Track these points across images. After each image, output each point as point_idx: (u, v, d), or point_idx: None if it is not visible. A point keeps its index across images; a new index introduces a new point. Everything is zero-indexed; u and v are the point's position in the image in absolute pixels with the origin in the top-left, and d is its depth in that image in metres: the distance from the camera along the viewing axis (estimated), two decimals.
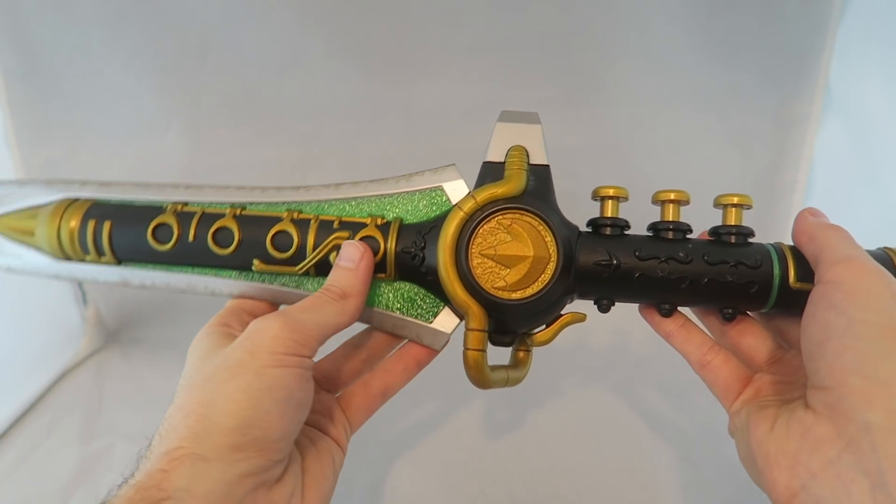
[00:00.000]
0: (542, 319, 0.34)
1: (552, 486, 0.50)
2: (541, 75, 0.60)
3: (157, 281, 0.37)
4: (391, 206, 0.35)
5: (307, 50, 0.58)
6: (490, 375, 0.33)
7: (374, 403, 0.36)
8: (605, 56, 0.59)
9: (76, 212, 0.38)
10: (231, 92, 0.60)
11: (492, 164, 0.34)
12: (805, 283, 0.31)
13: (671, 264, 0.32)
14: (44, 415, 0.58)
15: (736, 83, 0.61)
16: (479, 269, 0.32)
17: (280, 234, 0.35)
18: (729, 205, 0.34)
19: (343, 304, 0.31)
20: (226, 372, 0.28)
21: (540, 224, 0.32)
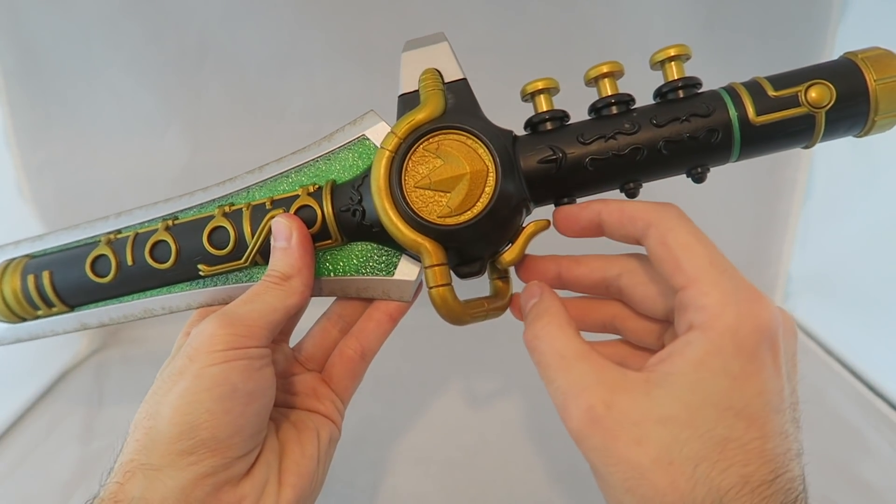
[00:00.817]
0: (502, 236, 0.32)
1: (552, 486, 0.50)
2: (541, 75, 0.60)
3: (114, 315, 0.37)
4: (322, 171, 0.34)
5: (307, 49, 0.58)
6: (462, 308, 0.31)
7: (356, 369, 0.35)
8: (605, 56, 0.59)
9: (14, 271, 0.37)
10: (231, 92, 0.60)
11: (407, 94, 0.32)
12: (768, 115, 0.30)
13: (620, 139, 0.30)
14: (44, 415, 0.58)
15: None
16: (418, 203, 0.30)
17: (215, 231, 0.34)
18: (667, 59, 0.31)
19: (286, 285, 0.31)
20: (168, 381, 0.28)
21: (468, 138, 0.30)
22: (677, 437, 0.23)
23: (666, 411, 0.23)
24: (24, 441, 0.55)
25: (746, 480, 0.22)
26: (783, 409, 0.24)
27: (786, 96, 0.30)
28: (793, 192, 0.66)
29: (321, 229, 0.33)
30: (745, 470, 0.22)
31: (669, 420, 0.23)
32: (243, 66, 0.59)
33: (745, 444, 0.23)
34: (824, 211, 0.65)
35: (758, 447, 0.23)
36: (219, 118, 0.61)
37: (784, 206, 0.66)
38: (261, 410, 0.29)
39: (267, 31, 0.57)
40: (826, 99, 0.30)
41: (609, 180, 0.31)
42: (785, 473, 0.23)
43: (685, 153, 0.30)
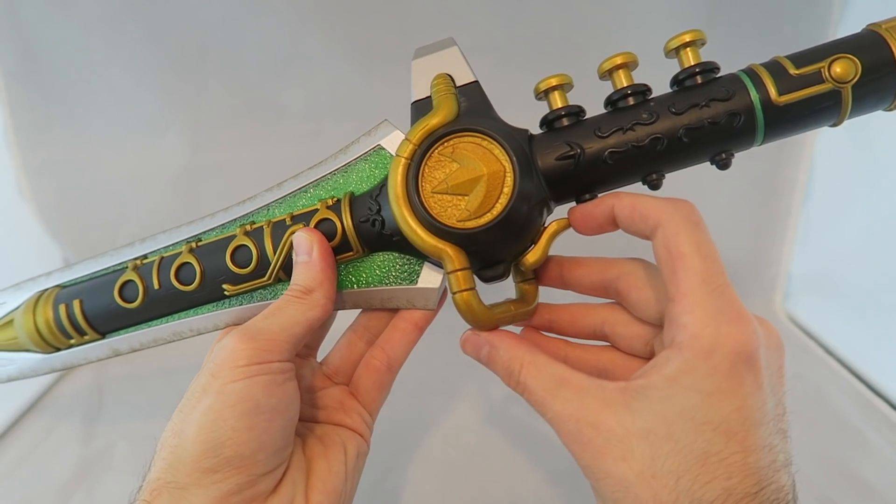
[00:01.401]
0: (523, 237, 0.31)
1: (552, 486, 0.49)
2: (541, 75, 0.60)
3: (144, 339, 0.37)
4: (341, 184, 0.34)
5: (307, 49, 0.58)
6: (487, 312, 0.31)
7: (383, 380, 0.35)
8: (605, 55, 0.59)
9: (46, 302, 0.38)
10: (231, 92, 0.60)
11: (420, 101, 0.32)
12: (791, 94, 0.29)
13: (638, 129, 0.29)
14: (44, 415, 0.58)
15: None
16: (437, 208, 0.30)
17: (237, 250, 0.34)
18: (682, 45, 0.30)
19: (308, 299, 0.31)
20: (192, 398, 0.28)
21: (483, 140, 0.30)
22: (659, 451, 0.23)
23: (646, 425, 0.24)
24: (24, 441, 0.55)
25: (729, 493, 0.23)
26: (765, 422, 0.24)
27: (808, 73, 0.29)
28: (793, 192, 0.66)
29: (342, 242, 0.32)
30: (727, 483, 0.23)
31: (650, 434, 0.24)
32: (243, 66, 0.59)
33: (726, 458, 0.23)
34: (824, 211, 0.65)
35: (739, 461, 0.23)
36: (219, 118, 0.61)
37: (784, 206, 0.66)
38: (285, 426, 0.29)
39: (267, 31, 0.57)
40: (851, 73, 0.28)
41: (630, 173, 0.31)
42: (770, 485, 0.23)
43: (707, 140, 0.29)
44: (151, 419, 0.57)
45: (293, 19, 0.56)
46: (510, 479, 0.50)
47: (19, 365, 0.40)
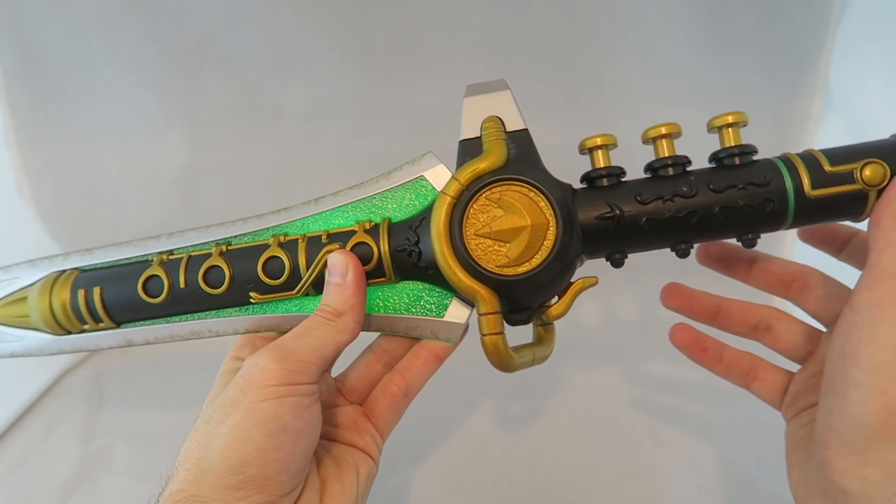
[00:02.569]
0: (554, 289, 0.32)
1: (552, 486, 0.50)
2: (540, 75, 0.60)
3: (160, 334, 0.37)
4: (377, 208, 0.34)
5: (307, 50, 0.58)
6: (514, 357, 0.32)
7: (398, 405, 0.35)
8: (605, 55, 0.59)
9: (64, 284, 0.37)
10: (231, 92, 0.60)
11: (468, 140, 0.33)
12: (823, 189, 0.30)
13: (677, 201, 0.30)
14: (44, 415, 0.58)
15: (736, 82, 0.61)
16: (478, 251, 0.30)
17: (270, 260, 0.34)
18: (724, 126, 0.32)
19: (338, 322, 0.31)
20: (220, 412, 0.28)
21: (530, 190, 0.31)
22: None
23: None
24: (24, 441, 0.55)
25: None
26: None
27: (841, 172, 0.30)
28: None
29: (376, 267, 0.33)
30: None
31: None
32: (243, 66, 0.59)
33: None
34: None
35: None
36: (219, 118, 0.61)
37: None
38: (307, 448, 0.29)
39: (267, 31, 0.57)
40: (879, 178, 0.30)
41: (662, 240, 0.32)
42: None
43: (739, 219, 0.31)
44: (151, 419, 0.57)
45: (293, 19, 0.56)
46: (510, 479, 0.50)
47: (26, 343, 0.39)
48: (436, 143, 0.63)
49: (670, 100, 0.62)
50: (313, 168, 0.64)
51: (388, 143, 0.63)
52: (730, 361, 0.36)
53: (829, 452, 0.26)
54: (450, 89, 0.61)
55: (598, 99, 0.61)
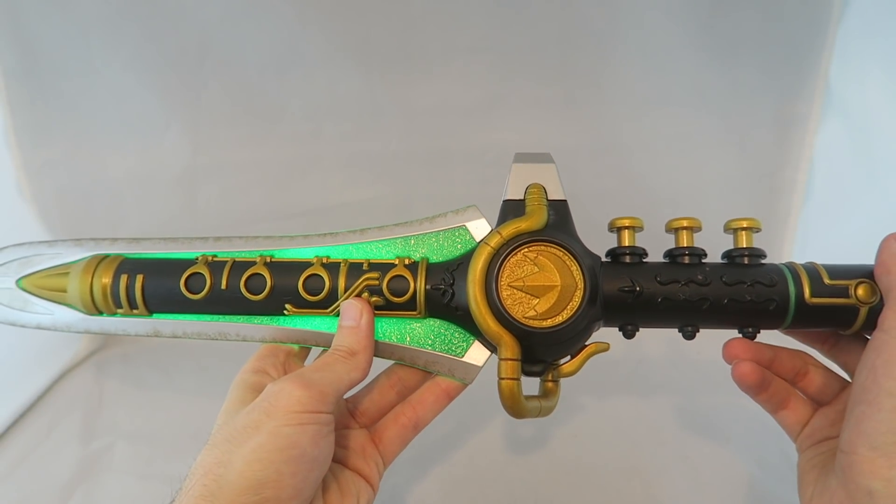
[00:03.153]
0: (570, 347, 0.35)
1: (552, 486, 0.50)
2: (540, 75, 0.60)
3: (189, 329, 0.38)
4: (416, 247, 0.37)
5: (307, 50, 0.58)
6: (525, 404, 0.34)
7: (406, 436, 0.37)
8: (605, 55, 0.59)
9: (108, 268, 0.39)
10: (231, 92, 0.60)
11: (512, 201, 0.36)
12: (821, 298, 0.34)
13: (692, 287, 0.34)
14: (44, 415, 0.58)
15: (736, 82, 0.61)
16: (509, 301, 0.33)
17: (312, 277, 0.36)
18: (739, 228, 0.35)
19: (353, 360, 0.33)
20: (243, 433, 0.29)
21: (565, 255, 0.34)
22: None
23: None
24: (24, 441, 0.55)
25: None
26: None
27: (838, 286, 0.34)
28: (793, 192, 0.66)
29: (409, 300, 0.35)
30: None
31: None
32: (243, 66, 0.59)
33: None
34: (824, 211, 0.65)
35: None
36: (219, 118, 0.61)
37: (784, 206, 0.66)
38: (319, 476, 0.31)
39: (267, 31, 0.57)
40: (870, 297, 0.33)
41: (673, 319, 0.35)
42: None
43: (743, 313, 0.34)
44: (151, 419, 0.57)
45: (293, 20, 0.56)
46: (510, 479, 0.50)
47: (56, 318, 0.40)
48: (435, 142, 0.64)
49: (670, 100, 0.62)
50: (313, 168, 0.64)
51: (388, 143, 0.63)
52: (773, 392, 0.38)
53: (857, 457, 0.28)
54: (450, 89, 0.61)
55: (597, 99, 0.61)
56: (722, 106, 0.62)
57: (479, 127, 0.62)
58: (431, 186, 0.65)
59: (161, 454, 0.53)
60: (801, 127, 0.63)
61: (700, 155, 0.65)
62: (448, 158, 0.64)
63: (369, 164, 0.64)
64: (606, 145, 0.63)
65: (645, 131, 0.63)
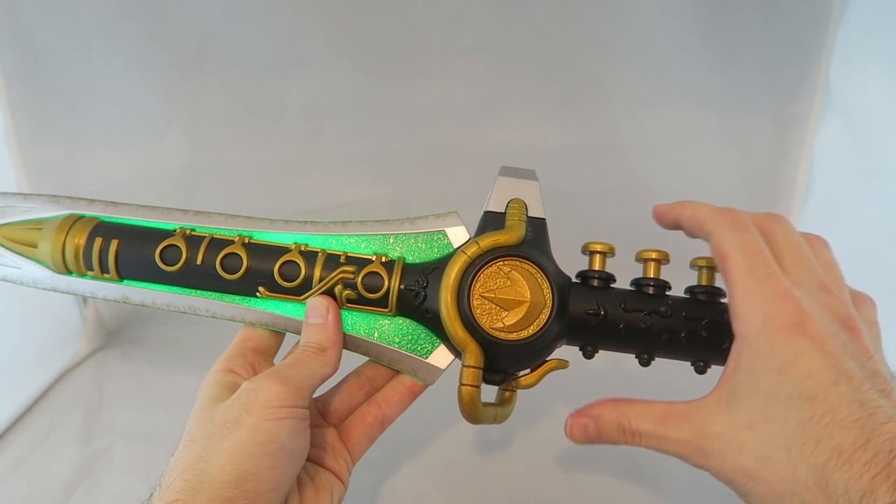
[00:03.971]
0: (532, 361, 0.36)
1: (552, 486, 0.50)
2: (540, 75, 0.60)
3: (158, 300, 0.38)
4: (395, 246, 0.38)
5: (307, 50, 0.58)
6: (482, 411, 0.35)
7: (373, 433, 0.38)
8: (605, 55, 0.59)
9: (82, 229, 0.38)
10: (231, 92, 0.60)
11: (492, 213, 0.37)
12: None
13: (653, 317, 0.34)
14: (44, 415, 0.58)
15: (736, 82, 0.61)
16: (479, 310, 0.34)
17: (288, 263, 0.36)
18: (703, 266, 0.36)
19: (324, 356, 0.34)
20: (223, 428, 0.29)
21: (538, 272, 0.35)
22: (765, 435, 0.26)
23: (746, 417, 0.27)
24: (24, 441, 0.55)
25: (840, 451, 0.25)
26: (843, 381, 0.26)
27: None
28: (793, 192, 0.66)
29: (381, 297, 0.36)
30: (833, 442, 0.25)
31: (753, 423, 0.27)
32: (243, 66, 0.59)
33: (820, 420, 0.25)
34: (824, 211, 0.65)
35: (831, 419, 0.25)
36: (219, 118, 0.61)
37: (784, 206, 0.66)
38: (296, 470, 0.31)
39: (267, 31, 0.57)
40: None
41: (631, 346, 0.36)
42: (879, 435, 0.25)
43: (698, 347, 0.35)
44: (151, 419, 0.57)
45: (293, 19, 0.56)
46: (510, 479, 0.50)
47: (24, 272, 0.40)
48: (435, 142, 0.64)
49: (670, 100, 0.62)
50: (313, 168, 0.64)
51: (388, 143, 0.63)
52: None
53: None
54: (450, 89, 0.61)
55: (597, 99, 0.61)
56: (722, 106, 0.62)
57: (479, 127, 0.62)
58: (431, 186, 0.65)
59: (161, 454, 0.52)
60: (801, 127, 0.63)
61: (700, 155, 0.65)
62: (448, 158, 0.64)
63: (369, 164, 0.64)
64: (606, 145, 0.63)
65: (645, 131, 0.63)
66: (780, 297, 0.28)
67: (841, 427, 0.25)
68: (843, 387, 0.26)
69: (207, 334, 0.66)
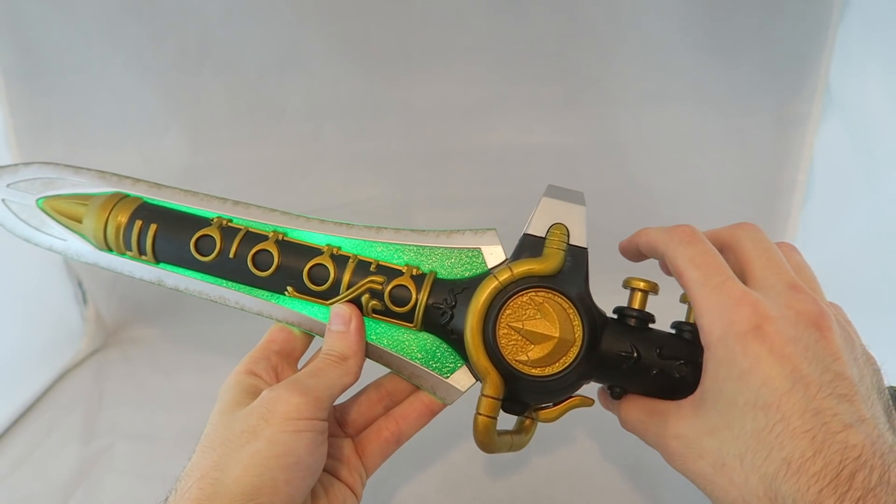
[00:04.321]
0: (555, 397, 0.35)
1: (552, 487, 0.50)
2: (540, 74, 0.60)
3: (191, 286, 0.38)
4: (428, 258, 0.37)
5: (307, 50, 0.58)
6: (496, 442, 0.34)
7: (389, 449, 0.37)
8: (605, 55, 0.59)
9: (125, 208, 0.39)
10: (231, 92, 0.60)
11: (532, 237, 0.35)
12: None
13: (690, 368, 0.32)
14: (44, 415, 0.58)
15: (736, 82, 0.61)
16: (504, 340, 0.33)
17: (318, 266, 0.36)
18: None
19: (345, 365, 0.33)
20: (241, 437, 0.29)
21: (570, 308, 0.33)
22: (723, 442, 0.27)
23: (709, 423, 0.28)
24: (24, 441, 0.55)
25: (789, 462, 0.25)
26: (798, 389, 0.26)
27: None
28: (793, 192, 0.66)
29: (408, 312, 0.35)
30: (783, 453, 0.25)
31: (714, 429, 0.28)
32: (243, 66, 0.59)
33: (773, 430, 0.26)
34: (824, 211, 0.65)
35: (783, 429, 0.25)
36: (219, 118, 0.61)
37: (784, 206, 0.66)
38: (311, 485, 0.31)
39: (267, 31, 0.57)
40: None
41: (662, 393, 0.33)
42: (830, 446, 0.24)
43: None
44: (151, 419, 0.57)
45: (293, 19, 0.56)
46: (510, 479, 0.50)
47: (69, 244, 0.40)
48: (435, 142, 0.64)
49: (670, 100, 0.62)
50: (313, 168, 0.64)
51: (388, 143, 0.63)
52: None
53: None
54: (450, 89, 0.61)
55: (597, 99, 0.61)
56: (722, 106, 0.62)
57: (479, 127, 0.62)
58: (431, 186, 0.65)
59: (161, 454, 0.53)
60: (801, 127, 0.63)
61: (700, 155, 0.65)
62: (448, 158, 0.64)
63: (369, 164, 0.64)
64: (606, 145, 0.63)
65: (645, 131, 0.63)
66: (737, 302, 0.27)
67: (792, 437, 0.25)
68: (799, 395, 0.26)
69: (208, 335, 0.66)
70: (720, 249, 0.32)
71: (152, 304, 0.68)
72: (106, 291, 0.67)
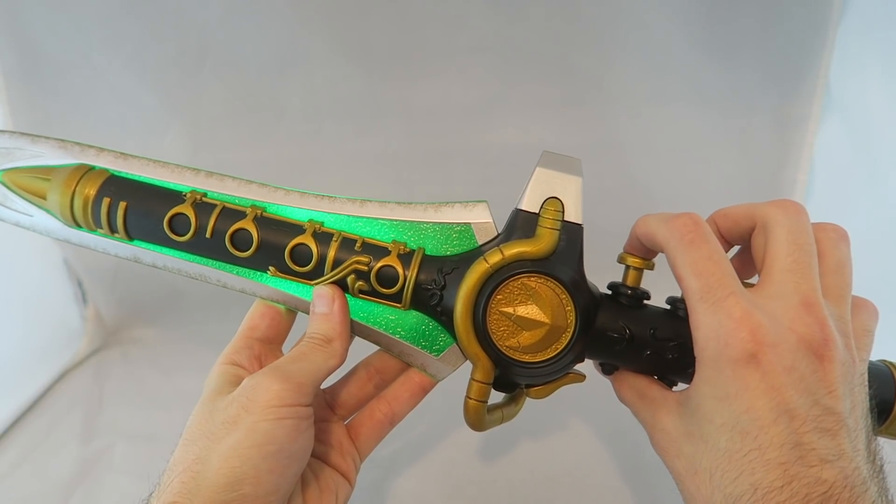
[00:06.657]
0: (546, 380, 0.34)
1: (552, 486, 0.50)
2: (540, 75, 0.60)
3: (169, 264, 0.36)
4: (416, 235, 0.35)
5: (307, 50, 0.58)
6: (487, 420, 0.34)
7: (382, 431, 0.37)
8: (605, 55, 0.59)
9: (91, 183, 0.36)
10: (231, 92, 0.60)
11: (525, 213, 0.33)
12: None
13: (684, 349, 0.31)
14: (44, 415, 0.58)
15: (736, 82, 0.61)
16: (494, 325, 0.32)
17: (300, 247, 0.34)
18: None
19: (329, 348, 0.32)
20: (221, 428, 0.28)
21: (563, 293, 0.32)
22: (697, 450, 0.27)
23: (688, 428, 0.28)
24: (24, 441, 0.55)
25: (755, 488, 0.25)
26: (782, 421, 0.25)
27: None
28: (793, 192, 0.66)
29: (395, 293, 0.34)
30: (752, 478, 0.25)
31: (691, 435, 0.28)
32: (243, 66, 0.59)
33: (746, 455, 0.25)
34: (824, 211, 0.65)
35: (757, 457, 0.25)
36: (219, 118, 0.61)
37: None
38: (298, 471, 0.30)
39: (267, 31, 0.57)
40: None
41: (654, 371, 0.34)
42: (801, 479, 0.24)
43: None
44: (151, 419, 0.57)
45: (293, 19, 0.56)
46: (510, 479, 0.50)
47: (36, 220, 0.38)
48: (435, 142, 0.64)
49: (670, 100, 0.62)
50: (313, 168, 0.64)
51: (388, 143, 0.63)
52: None
53: None
54: (450, 89, 0.61)
55: (597, 98, 0.61)
56: (722, 106, 0.62)
57: (479, 127, 0.62)
58: (431, 186, 0.65)
59: (161, 454, 0.52)
60: (801, 127, 0.63)
61: (700, 155, 0.65)
62: (448, 158, 0.64)
63: (369, 163, 0.64)
64: (606, 145, 0.63)
65: (645, 131, 0.63)
66: (736, 324, 0.26)
67: (765, 466, 0.25)
68: (782, 426, 0.25)
69: (208, 334, 0.66)
70: (750, 228, 0.30)
71: (152, 304, 0.68)
72: (106, 291, 0.67)
